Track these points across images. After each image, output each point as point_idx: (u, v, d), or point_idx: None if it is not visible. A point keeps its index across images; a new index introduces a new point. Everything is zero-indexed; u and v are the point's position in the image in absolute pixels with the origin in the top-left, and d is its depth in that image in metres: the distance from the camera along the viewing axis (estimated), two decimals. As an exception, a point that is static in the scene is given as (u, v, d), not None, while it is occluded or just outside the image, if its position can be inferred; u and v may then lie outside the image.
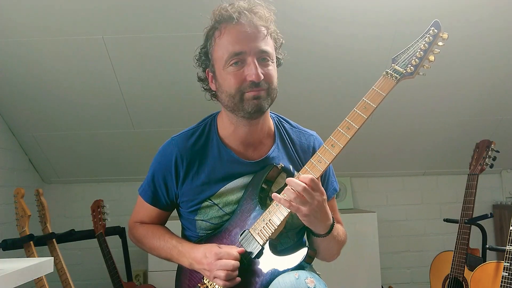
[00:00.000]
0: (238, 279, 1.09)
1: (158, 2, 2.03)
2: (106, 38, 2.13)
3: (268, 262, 1.11)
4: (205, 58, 1.20)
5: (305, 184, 1.03)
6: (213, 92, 1.24)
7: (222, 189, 1.22)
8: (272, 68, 1.17)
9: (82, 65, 2.27)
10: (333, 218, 1.14)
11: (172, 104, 2.48)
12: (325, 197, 1.07)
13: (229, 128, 1.24)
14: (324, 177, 1.31)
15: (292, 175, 1.22)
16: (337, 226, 1.19)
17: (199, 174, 1.23)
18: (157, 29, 2.13)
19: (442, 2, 2.09)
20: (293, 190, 1.04)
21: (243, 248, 1.13)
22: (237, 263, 1.09)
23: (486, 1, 2.10)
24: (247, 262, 1.12)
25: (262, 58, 1.14)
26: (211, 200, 1.22)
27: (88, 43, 2.15)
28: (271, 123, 1.29)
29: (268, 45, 1.15)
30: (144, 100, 2.46)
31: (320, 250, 1.19)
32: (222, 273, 1.08)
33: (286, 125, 1.33)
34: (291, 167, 1.26)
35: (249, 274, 1.11)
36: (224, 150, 1.24)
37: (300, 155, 1.29)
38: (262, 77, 1.12)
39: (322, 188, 1.07)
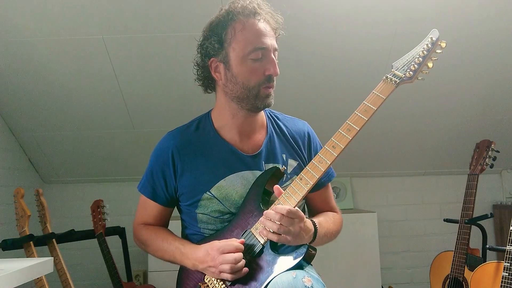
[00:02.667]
0: (246, 269, 1.11)
1: (158, 2, 2.03)
2: (106, 38, 2.13)
3: (268, 261, 1.12)
4: (217, 46, 1.19)
5: (283, 214, 1.05)
6: (212, 83, 1.27)
7: (221, 181, 1.23)
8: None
9: (82, 65, 2.27)
10: (314, 225, 1.16)
11: (172, 104, 2.48)
12: (304, 221, 1.10)
13: (226, 119, 1.27)
14: None
15: (286, 167, 1.27)
16: (322, 225, 1.20)
17: (197, 166, 1.25)
18: (157, 29, 2.13)
19: (442, 2, 2.09)
20: (273, 221, 1.07)
21: (243, 239, 1.15)
22: (239, 255, 1.10)
23: (486, 2, 2.10)
24: (247, 261, 1.13)
25: (274, 54, 1.21)
26: (210, 193, 1.23)
27: (88, 43, 2.15)
28: (263, 115, 1.34)
29: (277, 39, 1.22)
30: (144, 100, 2.46)
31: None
32: (226, 266, 1.10)
33: (278, 116, 1.37)
34: (284, 156, 1.28)
35: (249, 272, 1.12)
36: (221, 142, 1.27)
37: (296, 141, 1.32)
38: (278, 73, 1.19)
39: (301, 214, 1.09)
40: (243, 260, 1.11)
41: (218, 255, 1.12)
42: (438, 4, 2.09)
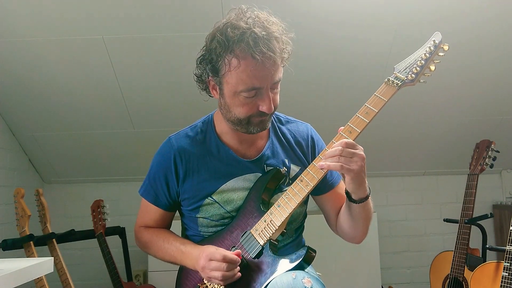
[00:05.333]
0: (238, 275, 1.10)
1: (158, 2, 2.03)
2: (106, 38, 2.13)
3: (267, 262, 1.12)
4: (211, 73, 1.15)
5: (341, 146, 1.04)
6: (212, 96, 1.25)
7: (223, 186, 1.23)
8: (278, 90, 1.17)
9: (82, 65, 2.27)
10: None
11: (172, 104, 2.48)
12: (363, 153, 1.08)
13: (226, 127, 1.26)
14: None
15: (288, 171, 1.26)
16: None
17: (199, 171, 1.24)
18: (157, 29, 2.13)
19: (442, 5, 2.09)
20: (334, 155, 1.04)
21: (239, 250, 1.14)
22: (228, 265, 1.09)
23: (485, 4, 2.10)
24: (246, 262, 1.13)
25: (274, 86, 1.14)
26: (212, 198, 1.23)
27: (88, 43, 2.15)
28: None
29: (279, 73, 1.14)
30: (144, 100, 2.46)
31: (358, 222, 1.21)
32: (217, 274, 1.09)
33: (281, 119, 1.35)
34: (286, 161, 1.28)
35: (249, 273, 1.12)
36: (223, 147, 1.26)
37: (300, 146, 1.31)
38: (273, 109, 1.14)
39: (360, 146, 1.07)
40: (236, 269, 1.10)
41: (207, 262, 1.11)
42: (438, 7, 2.09)
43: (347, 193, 1.14)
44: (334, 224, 1.31)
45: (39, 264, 1.12)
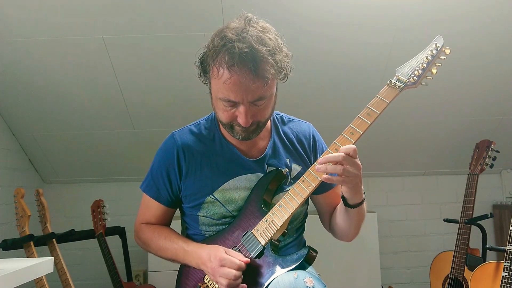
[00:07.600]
0: (243, 286, 1.10)
1: (158, 2, 2.03)
2: (106, 38, 2.13)
3: (269, 262, 1.12)
4: (203, 73, 1.17)
5: (348, 154, 1.03)
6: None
7: (224, 184, 1.23)
8: (266, 104, 1.14)
9: (82, 65, 2.27)
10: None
11: (172, 104, 2.48)
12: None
13: None
14: None
15: (290, 171, 1.26)
16: None
17: (202, 168, 1.25)
18: (157, 29, 2.13)
19: (441, 7, 2.09)
20: (338, 163, 1.03)
21: (248, 259, 1.12)
22: (239, 273, 1.09)
23: (484, 6, 2.10)
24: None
25: (256, 103, 1.12)
26: (213, 196, 1.23)
27: (88, 43, 2.15)
28: None
29: (264, 91, 1.09)
30: (144, 100, 2.46)
31: (352, 223, 1.21)
32: (224, 281, 1.09)
33: (283, 118, 1.35)
34: (288, 160, 1.28)
35: (250, 273, 1.12)
36: (227, 145, 1.26)
37: (301, 144, 1.31)
38: (250, 123, 1.13)
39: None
40: (241, 277, 1.10)
41: (218, 267, 1.11)
42: (437, 9, 2.09)
43: (343, 198, 1.16)
44: (328, 222, 1.33)
45: (39, 264, 1.12)
